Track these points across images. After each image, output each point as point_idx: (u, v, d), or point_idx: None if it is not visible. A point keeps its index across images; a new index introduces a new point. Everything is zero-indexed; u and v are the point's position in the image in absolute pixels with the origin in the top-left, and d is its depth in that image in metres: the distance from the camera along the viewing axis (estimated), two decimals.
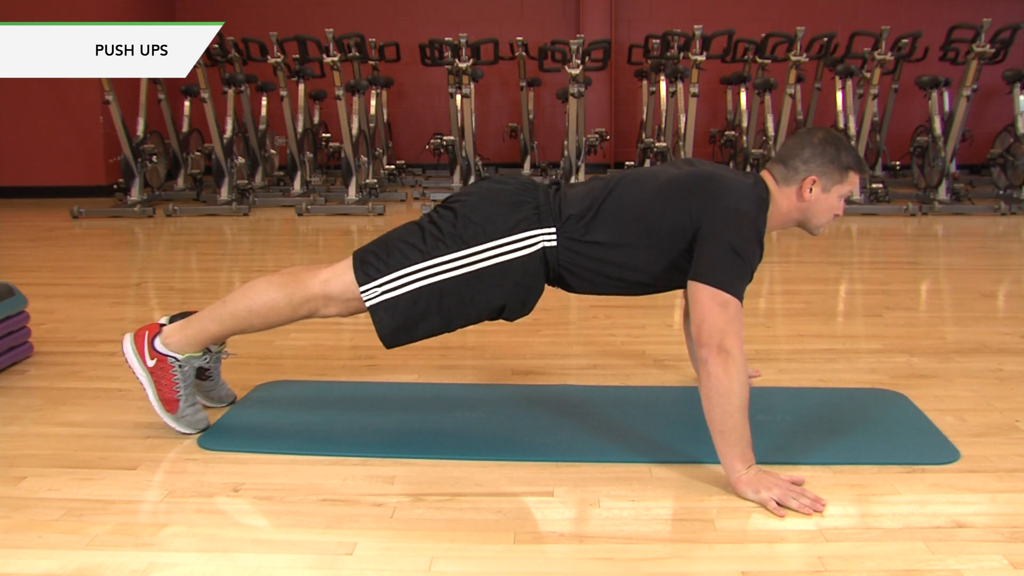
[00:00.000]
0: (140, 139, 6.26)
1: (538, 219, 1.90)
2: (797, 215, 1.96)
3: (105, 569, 1.46)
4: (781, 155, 1.95)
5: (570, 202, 1.93)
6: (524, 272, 1.90)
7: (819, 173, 1.90)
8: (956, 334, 2.94)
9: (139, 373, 2.00)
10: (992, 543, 1.53)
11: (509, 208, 1.91)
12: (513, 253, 1.89)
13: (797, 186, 1.91)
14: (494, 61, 6.56)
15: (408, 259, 1.89)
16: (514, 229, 1.89)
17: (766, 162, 5.99)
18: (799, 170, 1.91)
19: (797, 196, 1.92)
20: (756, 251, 1.84)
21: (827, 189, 1.91)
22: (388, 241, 1.95)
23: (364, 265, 1.91)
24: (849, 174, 1.92)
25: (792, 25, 5.88)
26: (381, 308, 1.89)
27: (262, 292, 1.94)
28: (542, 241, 1.90)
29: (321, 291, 1.93)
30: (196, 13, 7.92)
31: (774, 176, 1.95)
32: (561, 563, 1.49)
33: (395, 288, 1.89)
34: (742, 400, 1.68)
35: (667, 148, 6.61)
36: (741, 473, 1.70)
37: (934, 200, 5.84)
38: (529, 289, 1.93)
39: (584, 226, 1.90)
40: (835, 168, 1.90)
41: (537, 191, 1.95)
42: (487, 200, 1.93)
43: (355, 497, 1.73)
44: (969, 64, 5.77)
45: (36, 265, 4.40)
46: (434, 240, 1.89)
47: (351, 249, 1.99)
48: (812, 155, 1.90)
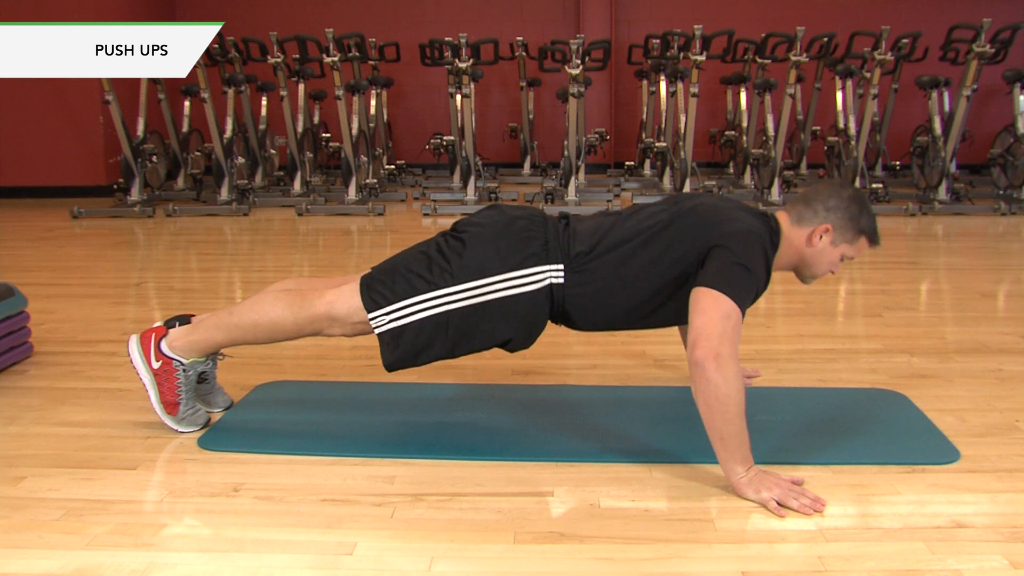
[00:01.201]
0: (140, 139, 6.26)
1: (547, 255, 1.90)
2: (797, 260, 1.97)
3: (105, 569, 1.46)
4: (806, 196, 1.95)
5: (579, 238, 1.93)
6: (530, 307, 1.90)
7: (835, 225, 1.91)
8: (956, 334, 2.94)
9: (143, 374, 2.00)
10: (992, 543, 1.53)
11: (518, 242, 1.90)
12: (520, 288, 1.89)
13: (810, 230, 1.92)
14: (494, 61, 6.56)
15: (414, 288, 1.89)
16: (522, 264, 1.89)
17: (766, 162, 6.01)
18: (819, 214, 1.91)
19: (806, 240, 1.93)
20: (763, 271, 1.84)
21: (836, 243, 1.92)
22: (395, 268, 1.95)
23: (371, 291, 1.91)
24: (861, 239, 1.93)
25: (792, 25, 5.87)
26: (388, 336, 1.90)
27: (268, 309, 1.95)
28: (549, 277, 1.90)
29: (326, 312, 1.93)
30: (196, 13, 7.92)
31: (790, 216, 1.95)
32: (561, 563, 1.49)
33: (401, 317, 1.89)
34: (740, 406, 1.68)
35: (667, 148, 6.61)
36: (741, 475, 1.70)
37: (934, 200, 5.84)
38: (533, 324, 1.94)
39: (591, 263, 1.90)
40: (852, 227, 1.91)
41: (547, 225, 1.95)
42: (496, 232, 1.92)
43: (355, 497, 1.73)
44: (969, 64, 5.77)
45: (36, 265, 4.40)
46: (440, 271, 1.90)
47: (351, 249, 2.00)
48: (837, 205, 1.91)
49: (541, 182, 6.87)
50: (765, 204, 5.84)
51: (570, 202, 5.97)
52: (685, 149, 5.88)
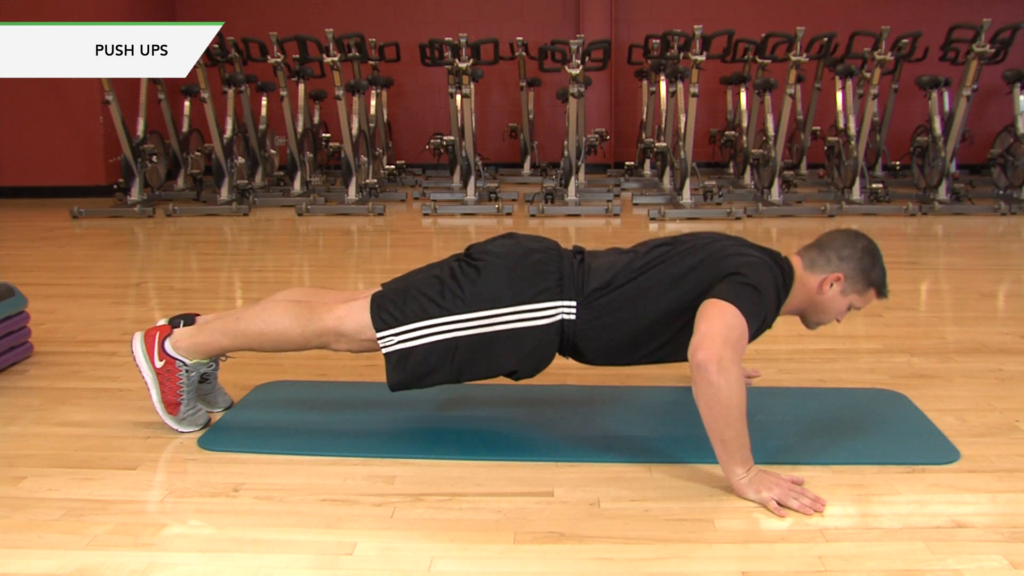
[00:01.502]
0: (140, 139, 6.26)
1: (560, 291, 1.90)
2: (806, 305, 1.97)
3: (105, 569, 1.46)
4: (821, 243, 1.96)
5: (593, 275, 1.93)
6: (539, 341, 1.91)
7: (847, 275, 1.91)
8: (956, 334, 2.94)
9: (145, 373, 2.00)
10: (992, 543, 1.53)
11: (533, 276, 1.91)
12: (531, 321, 1.89)
13: (821, 277, 1.92)
14: (494, 61, 6.55)
15: (425, 312, 1.89)
16: (536, 298, 1.89)
17: (766, 162, 6.01)
18: (831, 262, 1.92)
19: (817, 287, 1.93)
20: (773, 302, 1.84)
21: (845, 293, 1.93)
22: (407, 289, 1.94)
23: (381, 311, 1.91)
24: (870, 291, 1.94)
25: (792, 25, 5.87)
26: (395, 357, 1.90)
27: (276, 319, 1.95)
28: (561, 313, 1.90)
29: (334, 327, 1.93)
30: (196, 13, 7.91)
31: (803, 260, 1.95)
32: (561, 563, 1.49)
33: (410, 339, 1.89)
34: (741, 409, 1.68)
35: (667, 148, 6.61)
36: (741, 476, 1.70)
37: (934, 200, 5.84)
38: (541, 357, 1.94)
39: (603, 299, 1.90)
40: (863, 278, 1.92)
41: (562, 260, 1.95)
42: (512, 263, 1.93)
43: (355, 497, 1.73)
44: (969, 64, 5.77)
45: (36, 265, 4.40)
46: (453, 296, 1.89)
47: (351, 249, 2.00)
48: (851, 256, 1.92)
49: (541, 182, 6.86)
50: (765, 204, 5.84)
51: (570, 202, 5.97)
52: (685, 149, 5.88)
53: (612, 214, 5.78)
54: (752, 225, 5.40)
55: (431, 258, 2.15)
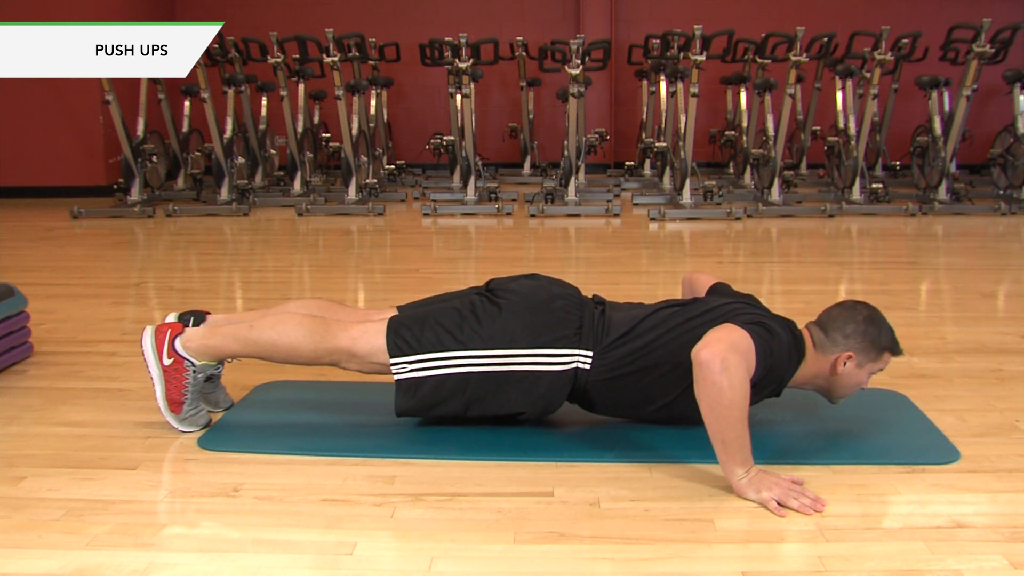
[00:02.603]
0: (140, 139, 6.26)
1: (578, 340, 1.91)
2: (823, 382, 1.96)
3: (105, 569, 1.46)
4: (823, 322, 1.95)
5: (612, 327, 1.93)
6: (551, 386, 1.92)
7: (856, 350, 1.90)
8: (956, 334, 2.94)
9: (152, 368, 2.00)
10: (992, 543, 1.53)
11: (554, 322, 1.92)
12: (547, 366, 1.91)
13: (833, 358, 1.91)
14: (494, 61, 6.55)
15: (442, 344, 1.90)
16: (554, 344, 1.90)
17: (766, 162, 6.01)
18: (838, 343, 1.90)
19: (831, 368, 1.91)
20: (785, 358, 1.83)
21: (860, 365, 1.91)
22: (424, 318, 1.95)
23: (397, 337, 1.92)
24: (885, 354, 1.92)
25: (792, 25, 5.87)
26: (406, 384, 1.92)
27: (290, 332, 1.96)
28: (577, 362, 1.91)
29: (348, 347, 1.94)
30: (196, 13, 7.91)
31: (813, 339, 1.93)
32: (561, 563, 1.49)
33: (423, 369, 1.91)
34: (743, 410, 1.68)
35: (667, 148, 6.61)
36: (741, 477, 1.70)
37: (934, 200, 5.84)
38: (550, 402, 1.95)
39: (620, 354, 1.90)
40: (873, 348, 1.90)
41: (583, 310, 1.96)
42: (533, 306, 1.94)
43: (355, 497, 1.73)
44: (969, 64, 5.77)
45: (36, 265, 4.40)
46: (471, 331, 1.90)
47: (351, 249, 2.00)
48: (854, 332, 1.90)
49: (541, 182, 6.86)
50: (765, 204, 5.84)
51: (570, 202, 5.97)
52: (685, 149, 5.88)
53: (612, 214, 5.78)
54: (752, 225, 5.40)
55: (431, 258, 2.15)
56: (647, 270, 4.27)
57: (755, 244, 4.90)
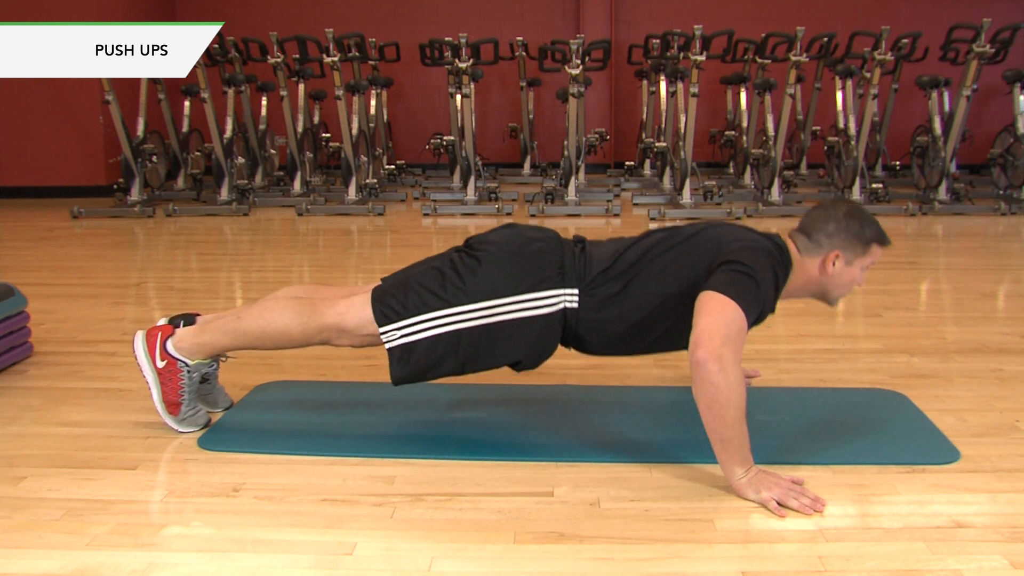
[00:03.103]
0: (140, 139, 6.26)
1: (562, 279, 1.90)
2: (815, 287, 1.96)
3: (105, 569, 1.46)
4: (805, 227, 1.95)
5: (595, 263, 1.92)
6: (543, 330, 1.90)
7: (843, 248, 1.90)
8: (956, 334, 2.94)
9: (147, 372, 2.00)
10: (992, 543, 1.53)
11: (534, 264, 1.90)
12: (534, 311, 1.89)
13: (820, 259, 1.91)
14: (494, 61, 6.55)
15: (427, 305, 1.88)
16: (537, 287, 1.89)
17: (766, 162, 6.01)
18: (823, 244, 1.91)
19: (820, 270, 1.92)
20: (772, 290, 1.83)
21: (850, 263, 1.92)
22: (407, 282, 1.93)
23: (382, 305, 1.90)
24: (872, 247, 1.93)
25: (792, 25, 5.87)
26: (398, 351, 1.90)
27: (277, 316, 1.95)
28: (564, 301, 1.90)
29: (336, 323, 1.93)
30: (196, 13, 7.91)
31: (797, 245, 1.95)
32: (561, 563, 1.49)
33: (413, 333, 1.89)
34: (740, 409, 1.68)
35: (667, 148, 6.61)
36: (741, 477, 1.70)
37: (934, 200, 5.84)
38: (545, 347, 1.94)
39: (606, 288, 1.90)
40: (859, 242, 1.91)
41: (563, 249, 1.94)
42: (512, 252, 1.92)
43: (355, 497, 1.73)
44: (969, 64, 5.77)
45: (36, 265, 4.40)
46: (454, 288, 1.89)
47: (351, 249, 2.00)
48: (836, 230, 1.90)
49: (541, 182, 6.86)
50: (765, 204, 5.84)
51: (570, 202, 5.97)
52: (685, 149, 5.88)
53: (612, 214, 5.78)
54: (752, 225, 5.37)
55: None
56: None
57: None
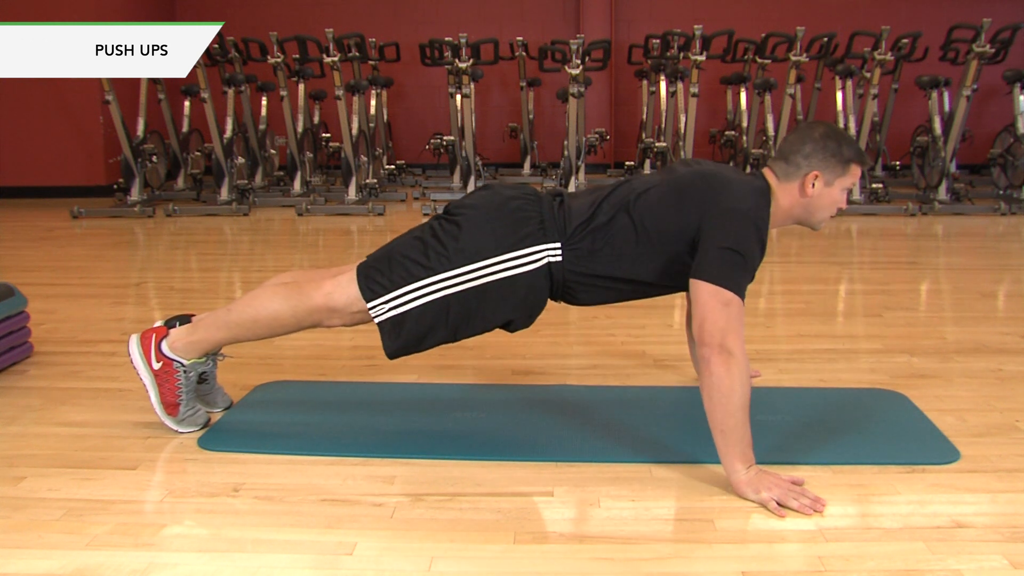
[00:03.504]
0: (140, 139, 6.26)
1: (543, 234, 1.89)
2: (799, 211, 1.95)
3: (105, 569, 1.46)
4: (782, 151, 1.94)
5: (574, 214, 1.92)
6: (530, 287, 1.90)
7: (821, 168, 1.89)
8: (956, 334, 2.94)
9: (143, 375, 2.00)
10: (992, 543, 1.53)
11: (514, 222, 1.90)
12: (518, 268, 1.88)
13: (799, 182, 1.91)
14: (494, 61, 6.55)
15: (412, 275, 1.88)
16: (519, 244, 1.88)
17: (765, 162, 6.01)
18: (800, 166, 1.90)
19: (800, 192, 1.91)
20: (757, 249, 1.83)
21: (829, 183, 1.90)
22: (390, 255, 1.93)
23: (368, 280, 1.90)
24: (851, 167, 1.91)
25: (792, 25, 5.88)
26: (388, 324, 1.89)
27: (266, 303, 1.94)
28: (547, 256, 1.90)
29: (325, 303, 1.92)
30: (196, 13, 7.92)
31: (775, 173, 1.94)
32: (561, 563, 1.49)
33: (401, 304, 1.88)
34: (743, 400, 1.68)
35: (667, 148, 6.61)
36: (741, 473, 1.70)
37: (934, 200, 5.84)
38: (535, 304, 1.94)
39: (588, 238, 1.90)
40: (837, 162, 1.89)
41: (541, 203, 1.94)
42: (491, 213, 1.91)
43: (355, 497, 1.73)
44: (969, 64, 5.77)
45: (36, 265, 4.40)
46: (437, 255, 1.88)
47: (351, 249, 2.00)
48: (813, 150, 1.89)
49: (541, 182, 6.86)
50: None
51: None
52: (685, 149, 5.88)
53: None
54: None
55: None
56: None
57: None
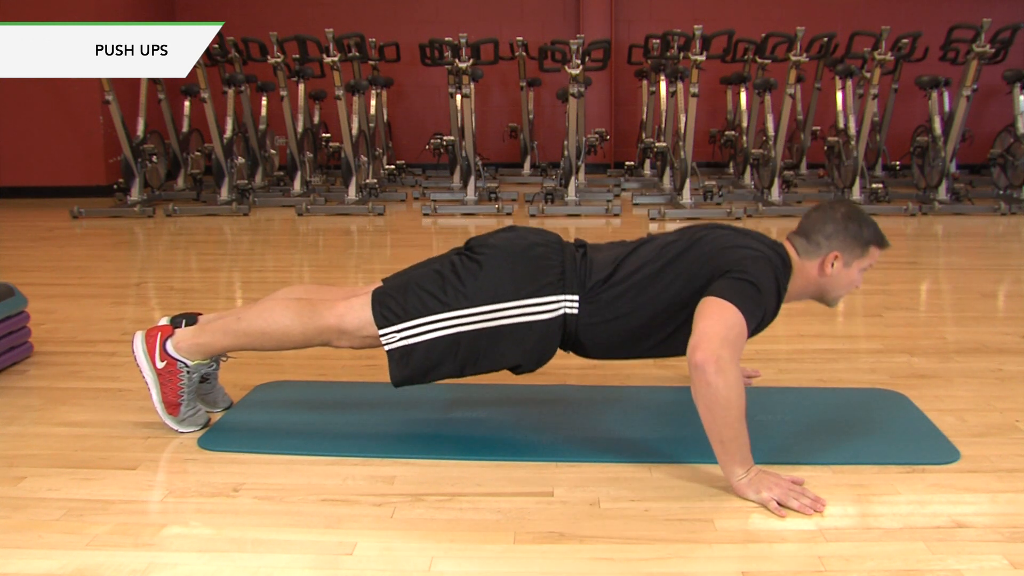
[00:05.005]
0: (140, 139, 6.26)
1: (563, 285, 1.90)
2: (816, 288, 1.96)
3: (105, 569, 1.46)
4: (803, 228, 1.95)
5: (595, 268, 1.92)
6: (542, 335, 1.90)
7: (841, 249, 1.90)
8: (956, 334, 2.94)
9: (146, 373, 2.00)
10: (992, 543, 1.53)
11: (535, 269, 1.90)
12: (534, 316, 1.89)
13: (819, 261, 1.92)
14: (494, 61, 6.55)
15: (427, 308, 1.89)
16: (538, 292, 1.88)
17: (766, 162, 6.00)
18: (821, 245, 1.91)
19: (819, 271, 1.92)
20: (774, 297, 1.84)
21: (848, 264, 1.92)
22: (407, 284, 1.93)
23: (382, 307, 1.91)
24: (870, 249, 1.93)
25: (792, 25, 5.87)
26: (398, 353, 1.90)
27: (277, 317, 1.95)
28: (564, 307, 1.90)
29: (336, 324, 1.93)
30: (196, 13, 7.91)
31: (796, 248, 1.95)
32: (561, 563, 1.49)
33: (413, 335, 1.89)
34: (740, 410, 1.68)
35: (667, 148, 6.61)
36: (741, 477, 1.70)
37: (934, 200, 5.84)
38: (544, 352, 1.94)
39: (606, 293, 1.90)
40: (857, 244, 1.91)
41: (564, 253, 1.94)
42: (513, 256, 1.92)
43: (355, 497, 1.73)
44: (969, 64, 5.77)
45: (36, 265, 4.40)
46: (455, 291, 1.89)
47: (351, 249, 2.00)
48: (835, 231, 1.90)
49: (541, 182, 6.86)
50: (765, 204, 5.84)
51: (570, 202, 5.97)
52: (685, 149, 5.88)
53: (612, 214, 5.78)
54: (752, 225, 5.39)
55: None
56: None
57: None
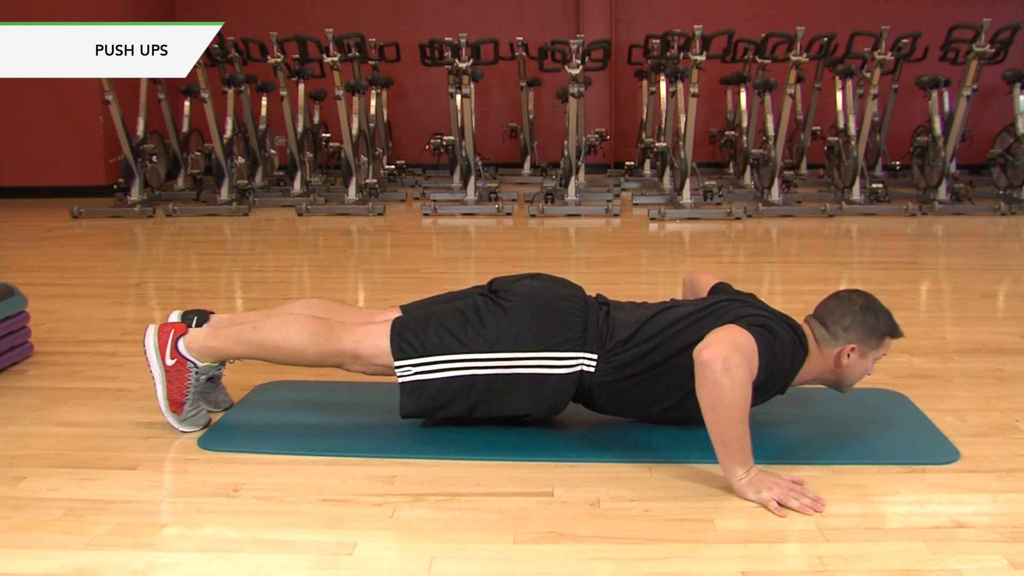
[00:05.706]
0: (140, 139, 6.26)
1: (583, 342, 1.91)
2: (830, 376, 1.97)
3: (105, 569, 1.46)
4: (822, 317, 1.95)
5: (617, 329, 1.93)
6: (557, 388, 1.92)
7: (858, 341, 1.90)
8: (956, 334, 2.94)
9: (155, 368, 2.00)
10: (992, 543, 1.53)
11: (558, 323, 1.91)
12: (551, 369, 1.90)
13: (836, 351, 1.91)
14: (494, 61, 6.55)
15: (445, 346, 1.90)
16: (558, 346, 1.90)
17: (766, 162, 6.00)
18: (839, 336, 1.91)
19: (835, 361, 1.92)
20: (788, 355, 1.83)
21: (864, 355, 1.92)
22: (428, 320, 1.95)
23: (401, 339, 1.92)
24: (886, 340, 1.93)
25: (792, 25, 5.87)
26: (411, 386, 1.92)
27: (295, 334, 1.95)
28: (581, 365, 1.91)
29: (352, 349, 1.94)
30: (196, 13, 7.91)
31: (815, 335, 1.94)
32: (561, 563, 1.49)
33: (427, 372, 1.91)
34: (744, 411, 1.68)
35: (667, 148, 6.61)
36: (741, 477, 1.70)
37: (934, 200, 5.84)
38: (556, 404, 1.96)
39: (624, 355, 1.90)
40: (873, 336, 1.91)
41: (587, 310, 1.95)
42: (538, 307, 1.93)
43: (355, 497, 1.73)
44: (969, 64, 5.77)
45: (36, 265, 4.40)
46: (475, 334, 1.90)
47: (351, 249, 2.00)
48: (852, 324, 1.90)
49: (541, 182, 6.86)
50: (765, 204, 5.84)
51: (570, 202, 5.97)
52: (685, 149, 5.88)
53: (612, 214, 5.78)
54: (752, 225, 5.40)
55: (431, 258, 2.15)
56: (647, 270, 4.27)
57: (755, 244, 4.90)
